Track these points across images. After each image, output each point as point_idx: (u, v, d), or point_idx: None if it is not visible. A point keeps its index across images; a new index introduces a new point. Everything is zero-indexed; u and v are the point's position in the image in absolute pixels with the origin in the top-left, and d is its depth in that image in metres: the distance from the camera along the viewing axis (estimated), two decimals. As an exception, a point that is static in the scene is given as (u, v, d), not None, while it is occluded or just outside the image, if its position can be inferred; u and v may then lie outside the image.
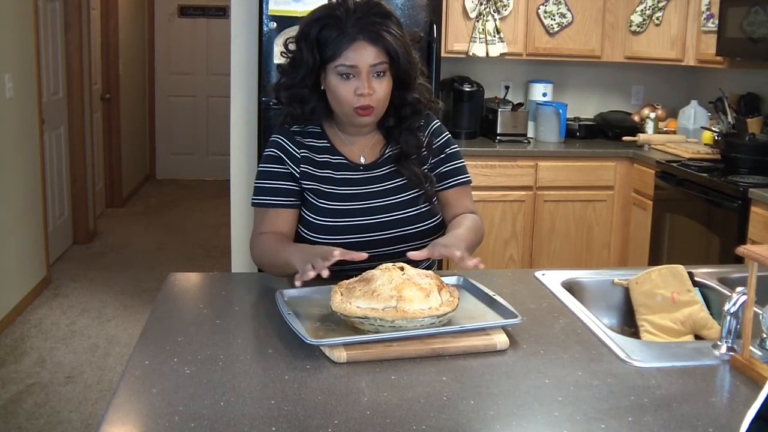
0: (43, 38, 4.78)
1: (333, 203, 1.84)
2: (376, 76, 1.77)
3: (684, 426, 1.19)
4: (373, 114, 1.81)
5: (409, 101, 1.86)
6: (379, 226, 1.85)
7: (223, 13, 7.72)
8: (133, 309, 4.37)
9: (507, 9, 4.24)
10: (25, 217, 4.42)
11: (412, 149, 1.89)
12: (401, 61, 1.79)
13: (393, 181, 1.89)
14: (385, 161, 1.91)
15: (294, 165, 1.86)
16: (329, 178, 1.86)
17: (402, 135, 1.89)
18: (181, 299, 1.76)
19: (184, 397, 1.23)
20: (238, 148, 3.89)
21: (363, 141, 1.91)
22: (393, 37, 1.77)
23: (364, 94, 1.76)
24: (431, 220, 1.89)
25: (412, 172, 1.87)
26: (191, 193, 7.57)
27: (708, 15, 4.00)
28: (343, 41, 1.75)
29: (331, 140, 1.90)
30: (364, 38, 1.75)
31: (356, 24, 1.75)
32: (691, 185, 3.63)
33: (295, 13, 3.48)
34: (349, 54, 1.75)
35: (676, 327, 1.73)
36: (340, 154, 1.89)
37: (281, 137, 1.89)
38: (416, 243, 1.84)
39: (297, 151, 1.87)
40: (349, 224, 1.84)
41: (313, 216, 1.85)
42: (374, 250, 1.82)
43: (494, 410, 1.23)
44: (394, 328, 1.43)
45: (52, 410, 3.19)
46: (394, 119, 1.89)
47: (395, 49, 1.77)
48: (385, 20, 1.77)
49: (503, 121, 4.31)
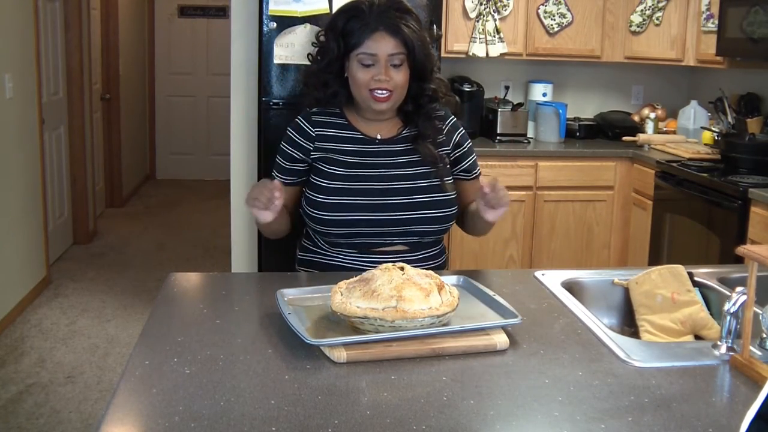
0: (43, 38, 4.78)
1: (342, 169, 1.97)
2: (394, 65, 1.92)
3: (684, 426, 1.19)
4: (389, 100, 1.94)
5: (426, 91, 2.00)
6: (386, 192, 1.95)
7: (223, 13, 7.72)
8: (133, 309, 4.37)
9: (507, 9, 4.24)
10: (25, 217, 4.42)
11: (429, 132, 2.01)
12: (417, 53, 1.94)
13: (407, 156, 2.01)
14: (401, 139, 2.04)
15: (308, 141, 2.01)
16: (343, 149, 2.00)
17: (420, 119, 2.02)
18: (181, 299, 1.76)
19: (184, 397, 1.23)
20: (238, 148, 3.89)
21: (381, 123, 2.04)
22: (411, 30, 1.93)
23: (381, 79, 1.91)
24: (438, 194, 1.98)
25: (428, 150, 1.99)
26: (191, 193, 7.57)
27: (708, 15, 4.00)
28: (366, 32, 1.92)
29: (349, 120, 2.05)
30: (385, 29, 1.92)
31: (378, 17, 1.92)
32: (691, 185, 3.63)
33: (295, 13, 3.48)
34: (370, 43, 1.92)
35: (676, 327, 1.73)
36: (356, 131, 2.03)
37: (301, 118, 2.06)
38: (420, 212, 1.95)
39: (312, 129, 2.02)
40: (357, 188, 1.95)
41: (322, 180, 1.97)
42: (379, 214, 1.93)
43: (494, 410, 1.23)
44: (394, 328, 1.43)
45: (52, 410, 3.19)
46: (412, 106, 2.02)
47: (412, 41, 1.93)
48: (404, 15, 1.95)
49: (503, 121, 4.31)
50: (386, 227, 1.94)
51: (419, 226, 1.96)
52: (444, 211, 1.98)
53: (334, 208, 1.93)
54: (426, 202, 1.96)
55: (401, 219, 1.94)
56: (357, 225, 1.93)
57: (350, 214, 1.93)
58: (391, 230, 1.95)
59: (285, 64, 3.52)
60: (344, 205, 1.93)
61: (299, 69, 3.50)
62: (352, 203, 1.93)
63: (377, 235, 1.95)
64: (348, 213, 1.93)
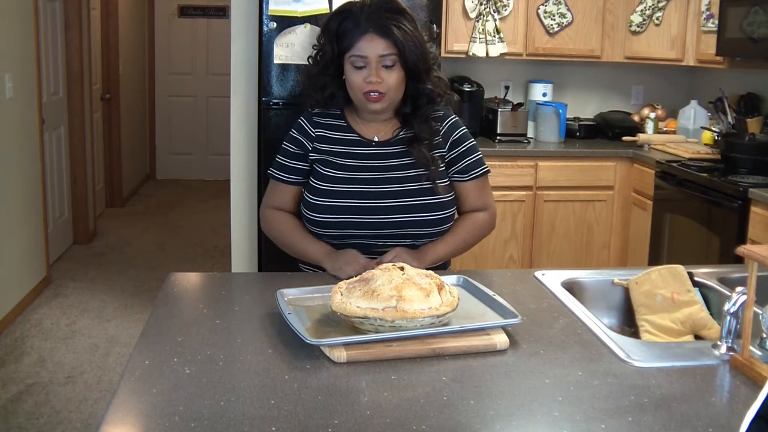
0: (43, 38, 4.78)
1: (338, 172, 1.98)
2: (386, 66, 1.91)
3: (684, 426, 1.19)
4: (382, 101, 1.94)
5: (423, 91, 1.98)
6: (379, 195, 1.95)
7: (223, 13, 7.72)
8: (133, 309, 4.37)
9: (507, 9, 4.24)
10: (25, 217, 4.42)
11: (425, 134, 1.99)
12: (409, 54, 1.92)
13: (401, 159, 2.00)
14: (397, 141, 2.02)
15: (308, 141, 2.03)
16: (340, 152, 2.01)
17: (416, 121, 2.00)
18: (181, 299, 1.76)
19: (184, 397, 1.23)
20: (238, 148, 3.89)
21: (379, 124, 2.04)
22: (402, 31, 1.91)
23: (372, 81, 1.91)
24: (430, 197, 1.97)
25: (421, 153, 1.98)
26: (191, 193, 7.57)
27: (708, 15, 4.00)
28: (356, 33, 1.91)
29: (348, 121, 2.05)
30: (375, 31, 1.91)
31: (369, 18, 1.91)
32: (691, 185, 3.63)
33: (295, 13, 3.48)
34: (360, 45, 1.91)
35: (676, 327, 1.73)
36: (354, 133, 2.03)
37: (302, 118, 2.07)
38: (412, 215, 1.94)
39: (312, 129, 2.04)
40: (351, 190, 1.95)
41: (318, 182, 1.98)
42: (371, 216, 1.93)
43: (494, 410, 1.23)
44: (394, 328, 1.43)
45: (52, 410, 3.19)
46: (410, 107, 2.01)
47: (403, 42, 1.91)
48: (396, 16, 1.93)
49: (503, 121, 4.31)
50: (378, 230, 1.94)
51: (411, 229, 1.95)
52: (437, 214, 1.96)
53: (327, 210, 1.94)
54: (418, 205, 1.95)
55: (393, 222, 1.94)
56: (349, 227, 1.94)
57: (342, 217, 1.93)
58: (384, 233, 1.95)
59: (285, 64, 3.53)
60: (337, 208, 1.94)
61: (299, 69, 3.50)
62: (344, 206, 1.94)
63: (370, 237, 1.95)
64: (340, 215, 1.93)
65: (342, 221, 1.94)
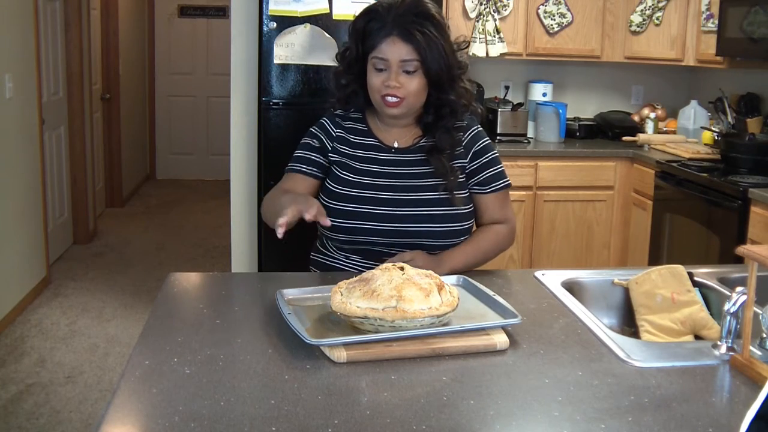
0: (43, 38, 4.78)
1: (355, 176, 1.95)
2: (407, 72, 1.87)
3: (684, 426, 1.19)
4: (400, 106, 1.90)
5: (446, 102, 1.93)
6: (395, 202, 1.91)
7: (223, 13, 7.72)
8: (133, 309, 4.37)
9: (507, 9, 4.24)
10: (25, 217, 4.41)
11: (445, 145, 1.95)
12: (431, 62, 1.87)
13: (420, 167, 1.96)
14: (417, 149, 1.99)
15: (329, 140, 2.01)
16: (359, 156, 1.99)
17: (438, 132, 1.96)
18: (181, 299, 1.76)
19: (184, 397, 1.23)
20: (238, 148, 3.89)
21: (400, 130, 2.00)
22: (426, 38, 1.85)
23: (391, 85, 1.87)
24: (446, 208, 1.93)
25: (440, 162, 1.94)
26: (191, 193, 7.57)
27: (708, 15, 4.00)
28: (381, 35, 1.88)
29: (369, 125, 2.03)
30: (398, 35, 1.86)
31: (394, 20, 1.87)
32: (691, 185, 3.63)
33: (295, 13, 3.48)
34: (383, 47, 1.88)
35: (676, 327, 1.73)
36: (375, 138, 2.01)
37: (325, 118, 2.06)
38: (427, 225, 1.90)
39: (334, 130, 2.03)
40: (366, 196, 1.92)
41: (333, 185, 1.96)
42: (385, 224, 1.89)
43: (494, 410, 1.23)
44: (394, 328, 1.43)
45: (52, 410, 3.19)
46: (433, 117, 1.96)
47: (426, 50, 1.86)
48: (423, 20, 1.87)
49: (503, 121, 4.32)
50: (391, 237, 1.90)
51: (425, 239, 1.91)
52: (451, 226, 1.92)
53: (341, 215, 1.90)
54: (434, 215, 1.91)
55: (407, 231, 1.90)
56: (362, 233, 1.91)
57: (356, 222, 1.90)
58: (397, 241, 1.91)
59: (285, 64, 3.52)
60: (351, 213, 1.90)
61: (299, 69, 3.50)
62: (359, 211, 1.90)
63: (382, 245, 1.91)
64: (354, 221, 1.90)
65: (355, 227, 1.90)
